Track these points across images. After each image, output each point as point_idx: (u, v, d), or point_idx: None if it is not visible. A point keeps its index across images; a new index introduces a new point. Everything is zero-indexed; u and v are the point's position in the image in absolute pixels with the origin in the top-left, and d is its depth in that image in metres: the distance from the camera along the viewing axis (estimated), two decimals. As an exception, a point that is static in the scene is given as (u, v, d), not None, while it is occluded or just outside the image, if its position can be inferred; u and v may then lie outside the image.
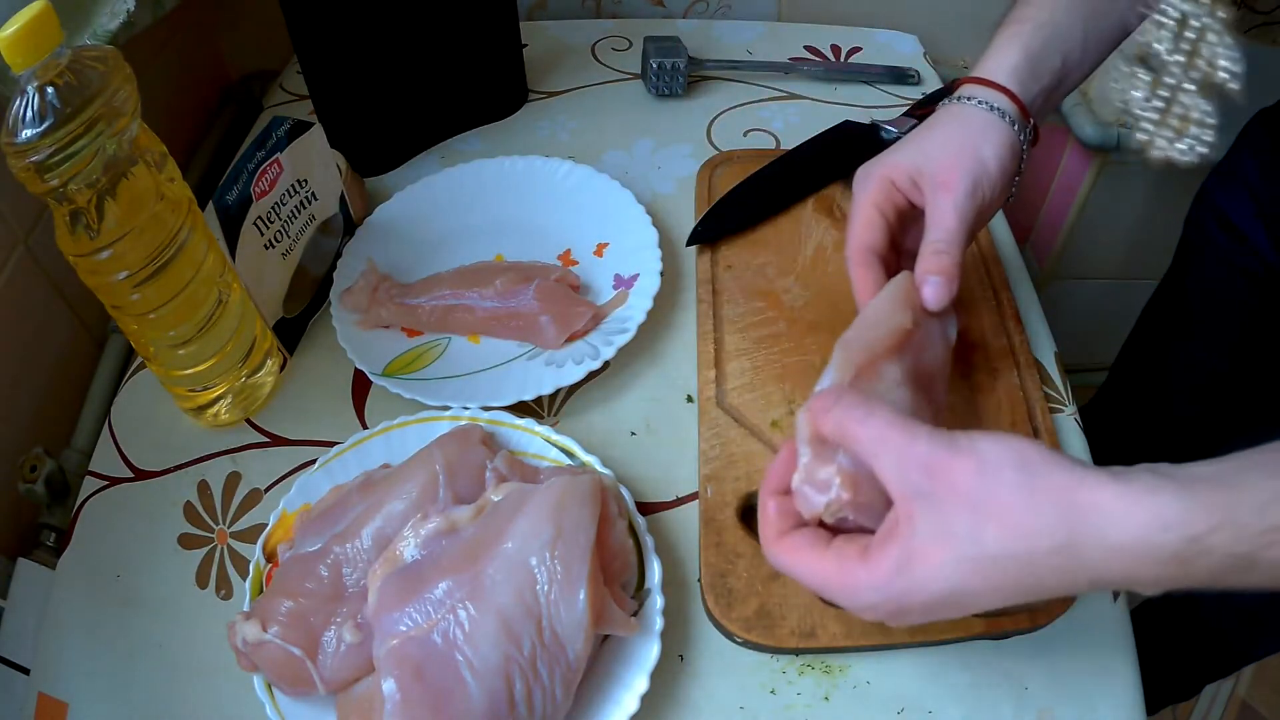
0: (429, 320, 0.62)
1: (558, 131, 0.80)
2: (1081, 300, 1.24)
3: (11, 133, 0.42)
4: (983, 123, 0.50)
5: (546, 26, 0.92)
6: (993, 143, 0.50)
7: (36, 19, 0.41)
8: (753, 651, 0.48)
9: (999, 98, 0.51)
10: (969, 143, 0.50)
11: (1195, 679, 1.03)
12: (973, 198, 0.49)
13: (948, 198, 0.49)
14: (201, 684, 0.49)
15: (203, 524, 0.55)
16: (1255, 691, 1.25)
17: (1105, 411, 0.96)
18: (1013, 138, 0.51)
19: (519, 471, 0.50)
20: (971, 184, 0.49)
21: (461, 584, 0.43)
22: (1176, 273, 0.84)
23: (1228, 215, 0.74)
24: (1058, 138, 1.06)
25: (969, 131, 0.50)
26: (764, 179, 0.70)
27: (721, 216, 0.67)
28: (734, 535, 0.50)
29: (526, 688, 0.41)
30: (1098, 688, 0.47)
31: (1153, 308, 0.89)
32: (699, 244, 0.66)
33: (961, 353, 0.58)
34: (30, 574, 0.56)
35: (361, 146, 0.74)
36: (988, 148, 0.50)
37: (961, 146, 0.50)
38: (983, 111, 0.51)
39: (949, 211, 0.49)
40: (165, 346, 0.53)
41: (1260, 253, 0.72)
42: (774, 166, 0.71)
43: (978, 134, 0.50)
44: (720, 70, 0.85)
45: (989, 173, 0.50)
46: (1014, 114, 0.51)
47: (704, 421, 0.56)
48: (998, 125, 0.50)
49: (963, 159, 0.50)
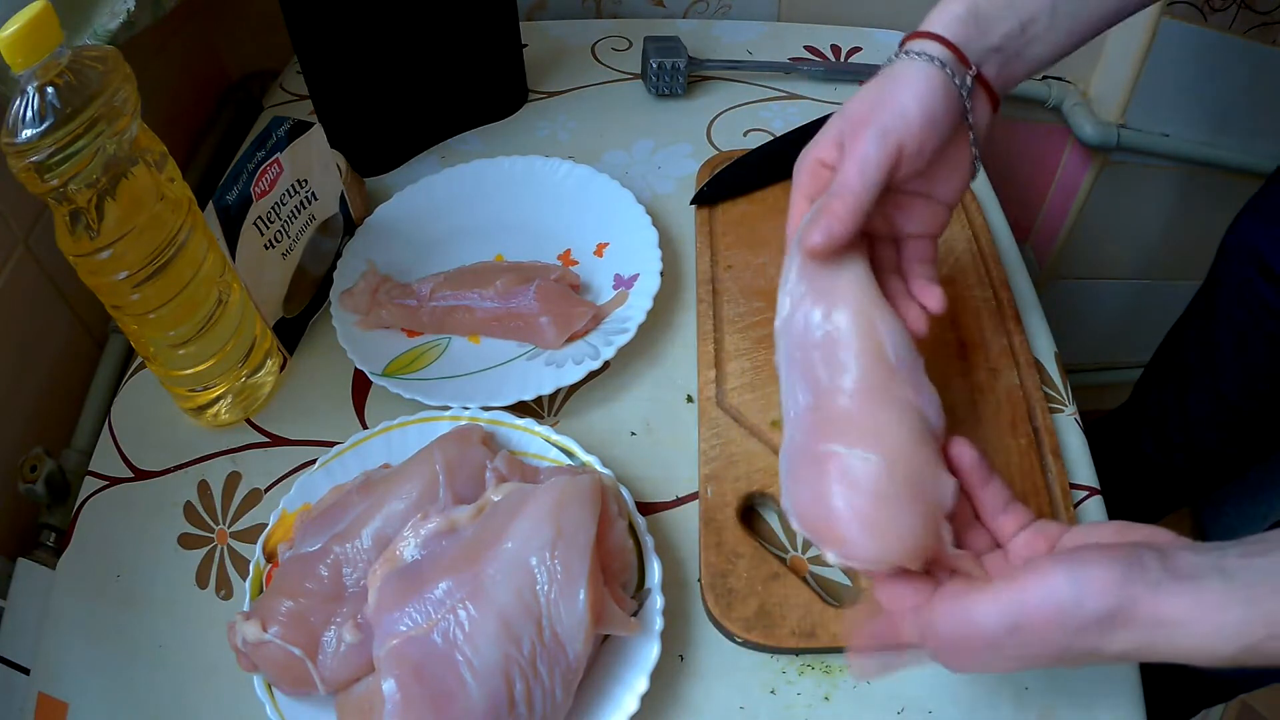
0: (429, 320, 0.62)
1: (558, 131, 0.80)
2: (1081, 300, 1.24)
3: (11, 133, 0.42)
4: (907, 70, 0.47)
5: (546, 26, 0.92)
6: (914, 86, 0.47)
7: (36, 19, 0.41)
8: (753, 651, 0.48)
9: (933, 45, 0.48)
10: (886, 91, 0.47)
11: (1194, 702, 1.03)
12: (881, 142, 0.46)
13: (855, 147, 0.47)
14: (201, 684, 0.49)
15: (203, 524, 0.55)
16: (1255, 692, 1.25)
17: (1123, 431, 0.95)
18: (943, 81, 0.47)
19: (519, 471, 0.50)
20: (880, 129, 0.46)
21: (461, 584, 0.43)
22: (1204, 305, 0.83)
23: (1265, 258, 0.73)
24: (1058, 138, 1.06)
25: (888, 81, 0.48)
26: (771, 149, 0.72)
27: (727, 181, 0.69)
28: (734, 535, 0.50)
29: (526, 687, 0.41)
30: (1098, 688, 0.47)
31: (1176, 337, 0.88)
32: (702, 204, 0.69)
33: (962, 353, 0.58)
34: (30, 574, 0.56)
35: (361, 146, 0.74)
36: (906, 91, 0.47)
37: (879, 97, 0.47)
38: (910, 60, 0.47)
39: (850, 161, 0.46)
40: (165, 346, 0.53)
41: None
42: (780, 140, 0.74)
43: (898, 81, 0.47)
44: (720, 70, 0.85)
45: (905, 115, 0.46)
46: (947, 58, 0.47)
47: (704, 421, 0.56)
48: (924, 70, 0.47)
49: (876, 109, 0.47)
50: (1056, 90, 1.01)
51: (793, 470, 0.43)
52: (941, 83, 0.47)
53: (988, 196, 0.72)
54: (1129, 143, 1.01)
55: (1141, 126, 1.01)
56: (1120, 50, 0.96)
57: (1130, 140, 1.01)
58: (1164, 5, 0.90)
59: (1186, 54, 0.94)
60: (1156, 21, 0.91)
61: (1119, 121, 1.00)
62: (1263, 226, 0.74)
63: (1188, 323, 0.87)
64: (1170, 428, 0.89)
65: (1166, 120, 1.01)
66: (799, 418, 0.44)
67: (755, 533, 0.52)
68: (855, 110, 0.48)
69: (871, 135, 0.46)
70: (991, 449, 0.53)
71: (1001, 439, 0.54)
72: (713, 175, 0.71)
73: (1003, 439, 0.54)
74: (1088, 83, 1.01)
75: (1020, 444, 0.54)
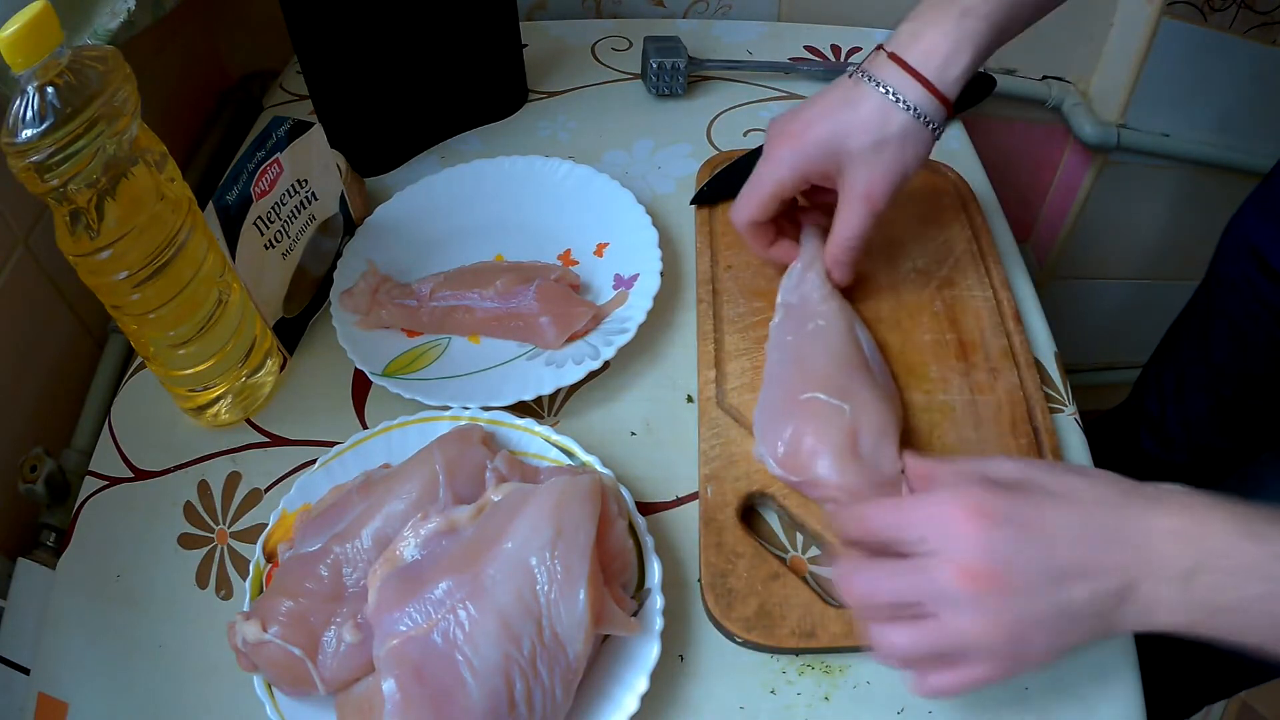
0: (429, 320, 0.62)
1: (558, 131, 0.80)
2: (1081, 300, 1.24)
3: (11, 133, 0.42)
4: (916, 140, 0.53)
5: (546, 26, 0.92)
6: (918, 159, 0.53)
7: (36, 19, 0.41)
8: (753, 651, 0.48)
9: (937, 111, 0.52)
10: (899, 161, 0.53)
11: (1195, 699, 1.03)
12: (888, 208, 0.54)
13: (867, 208, 0.54)
14: (201, 684, 0.49)
15: (203, 524, 0.55)
16: (1255, 692, 1.25)
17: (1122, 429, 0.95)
18: (931, 145, 0.54)
19: (519, 471, 0.50)
20: (892, 199, 0.54)
21: (461, 584, 0.43)
22: (1203, 302, 0.83)
23: (1265, 256, 0.73)
24: (1058, 138, 1.06)
25: (903, 150, 0.53)
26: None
27: (727, 181, 0.69)
28: (734, 535, 0.50)
29: (526, 687, 0.41)
30: (1098, 690, 0.47)
31: (1175, 334, 0.88)
32: (702, 204, 0.70)
33: (962, 353, 0.58)
34: (30, 574, 0.56)
35: (361, 146, 0.74)
36: (914, 164, 0.53)
37: (891, 164, 0.53)
38: (918, 126, 0.52)
39: (865, 218, 0.54)
40: (165, 346, 0.53)
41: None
42: None
43: (910, 154, 0.53)
44: (720, 70, 0.85)
45: (905, 183, 0.54)
46: (941, 122, 0.53)
47: (704, 421, 0.56)
48: (926, 141, 0.53)
49: (890, 176, 0.53)
50: (1056, 90, 1.01)
51: (772, 416, 0.52)
52: (929, 147, 0.54)
53: (988, 196, 0.72)
54: (1129, 143, 1.01)
55: (1141, 126, 1.01)
56: (1120, 50, 0.96)
57: (1130, 140, 1.01)
58: (1164, 5, 0.90)
59: (1186, 54, 0.94)
60: (1156, 21, 0.91)
61: (1119, 121, 1.00)
62: (1262, 223, 0.74)
63: (1186, 320, 0.86)
64: (1170, 425, 0.89)
65: (1166, 120, 1.01)
66: (778, 376, 0.54)
67: (755, 533, 0.52)
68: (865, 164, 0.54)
69: (883, 207, 0.54)
70: (991, 449, 0.53)
71: (1001, 439, 0.54)
72: (713, 175, 0.71)
73: (1003, 439, 0.54)
74: (1088, 83, 1.01)
75: (1020, 444, 0.54)
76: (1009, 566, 0.37)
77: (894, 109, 0.52)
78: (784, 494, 0.52)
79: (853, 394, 0.51)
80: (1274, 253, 0.72)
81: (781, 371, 0.55)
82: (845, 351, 0.54)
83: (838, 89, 0.55)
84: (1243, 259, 0.75)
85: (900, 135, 0.52)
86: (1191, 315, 0.85)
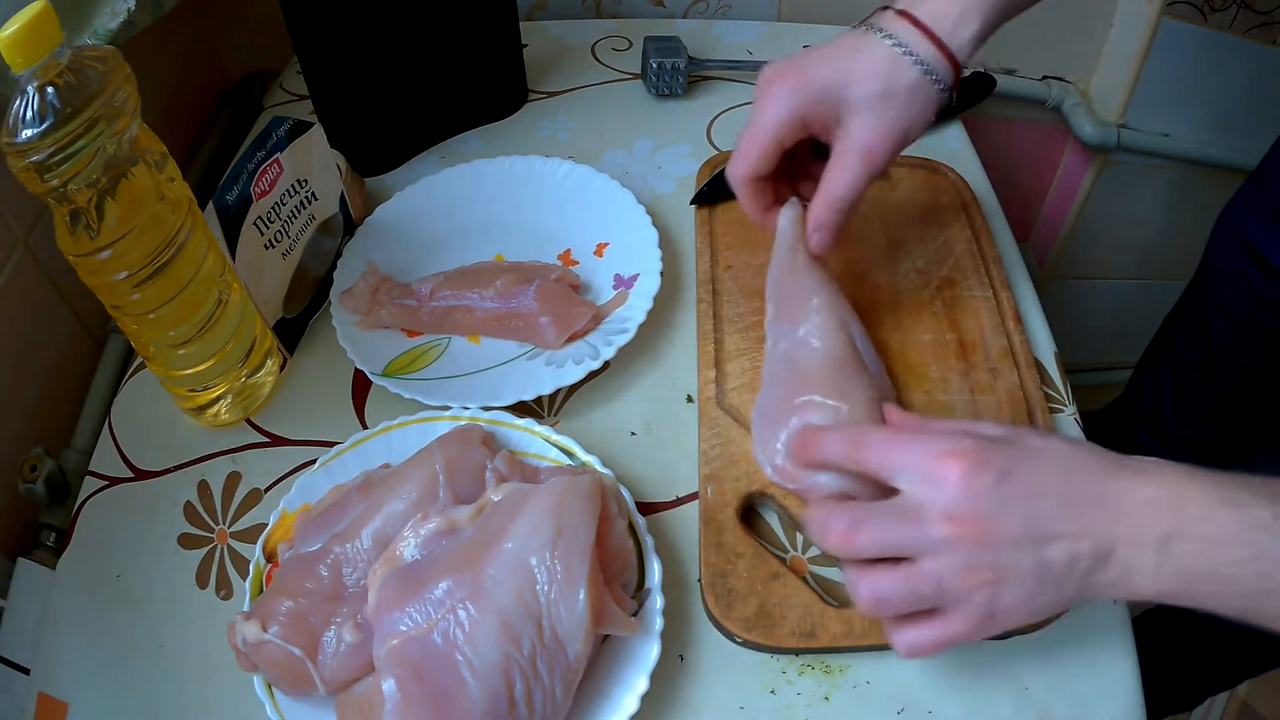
0: (429, 320, 0.62)
1: (558, 131, 0.80)
2: (1081, 300, 1.25)
3: (11, 133, 0.42)
4: (924, 98, 0.49)
5: (546, 26, 0.92)
6: (924, 117, 0.50)
7: (36, 19, 0.41)
8: (753, 651, 0.48)
9: (948, 71, 0.49)
10: (905, 117, 0.49)
11: (1197, 690, 1.03)
12: (885, 168, 0.51)
13: (864, 165, 0.50)
14: (201, 684, 0.49)
15: (203, 524, 0.55)
16: (1255, 691, 1.25)
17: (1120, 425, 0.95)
18: (936, 108, 0.50)
19: (519, 471, 0.50)
20: (891, 159, 0.50)
21: (461, 584, 0.43)
22: (1197, 295, 0.82)
23: (1260, 250, 0.72)
24: (1058, 138, 1.06)
25: (909, 106, 0.49)
26: None
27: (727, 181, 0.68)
28: (734, 535, 0.50)
29: (526, 687, 0.41)
30: (1098, 688, 0.47)
31: (1170, 328, 0.88)
32: (702, 204, 0.69)
33: (962, 353, 0.58)
34: (30, 574, 0.56)
35: (361, 146, 0.74)
36: (918, 125, 0.50)
37: (896, 120, 0.49)
38: (928, 83, 0.49)
39: (861, 176, 0.50)
40: (165, 346, 0.53)
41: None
42: None
43: (916, 112, 0.49)
44: (720, 70, 0.85)
45: (905, 145, 0.51)
46: (950, 85, 0.50)
47: (704, 421, 0.56)
48: (934, 101, 0.49)
49: (893, 133, 0.49)
50: (1056, 90, 1.01)
51: (769, 421, 0.51)
52: (937, 105, 0.50)
53: (988, 196, 0.72)
54: (1129, 143, 1.01)
55: (1141, 126, 1.01)
56: (1120, 50, 0.96)
57: (1130, 140, 1.01)
58: (1164, 5, 0.90)
59: (1186, 54, 0.94)
60: (1156, 21, 0.91)
61: (1119, 121, 1.00)
62: (1254, 216, 0.74)
63: (1181, 314, 0.86)
64: (1167, 420, 0.89)
65: (1166, 120, 1.01)
66: (775, 375, 0.53)
67: (755, 533, 0.52)
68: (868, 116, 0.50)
69: (882, 166, 0.50)
70: (991, 449, 0.53)
71: (1001, 439, 0.54)
72: (713, 175, 0.71)
73: (1003, 439, 0.54)
74: (1088, 83, 1.01)
75: (1020, 444, 0.54)
76: (991, 517, 0.38)
77: (904, 61, 0.48)
78: (784, 494, 0.52)
79: (850, 395, 0.50)
80: (1268, 245, 0.72)
81: (779, 371, 0.54)
82: (841, 353, 0.53)
83: (842, 38, 0.51)
84: (1236, 252, 0.75)
85: (909, 90, 0.49)
86: (1186, 309, 0.85)
